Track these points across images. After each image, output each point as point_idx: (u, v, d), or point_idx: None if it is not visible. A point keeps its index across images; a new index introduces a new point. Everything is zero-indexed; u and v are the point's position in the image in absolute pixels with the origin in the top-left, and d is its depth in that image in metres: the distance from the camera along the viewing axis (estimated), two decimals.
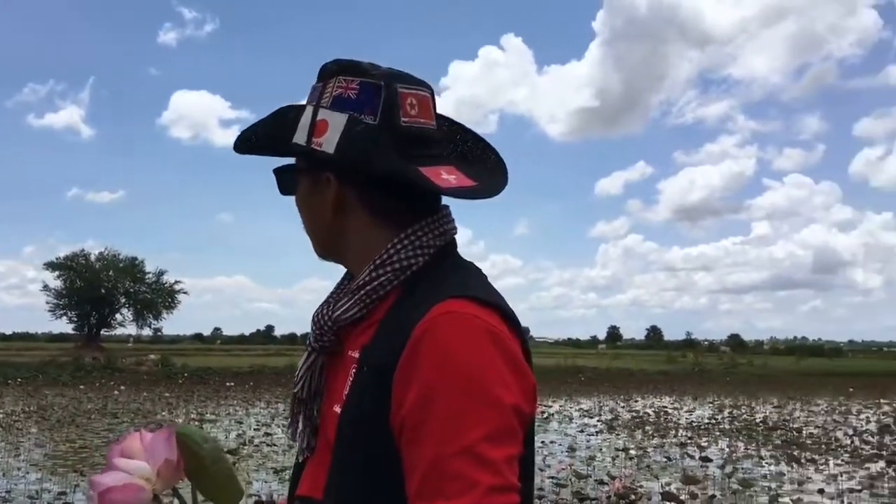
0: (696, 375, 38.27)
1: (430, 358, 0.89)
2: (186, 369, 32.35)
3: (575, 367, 38.96)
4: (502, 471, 0.85)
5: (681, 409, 20.58)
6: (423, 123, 1.06)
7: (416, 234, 1.02)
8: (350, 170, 1.03)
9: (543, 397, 23.94)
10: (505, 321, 0.95)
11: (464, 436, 0.85)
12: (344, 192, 1.05)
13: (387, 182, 1.02)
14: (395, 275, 1.01)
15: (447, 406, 0.87)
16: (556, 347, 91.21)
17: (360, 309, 1.02)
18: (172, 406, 19.32)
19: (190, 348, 60.08)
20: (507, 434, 0.87)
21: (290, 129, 1.06)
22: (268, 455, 10.94)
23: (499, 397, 0.87)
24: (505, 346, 0.92)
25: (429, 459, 0.86)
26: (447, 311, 0.91)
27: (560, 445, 12.46)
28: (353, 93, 1.03)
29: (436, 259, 1.03)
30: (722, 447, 12.92)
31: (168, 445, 0.92)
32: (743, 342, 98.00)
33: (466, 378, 0.87)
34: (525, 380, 0.92)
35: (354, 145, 1.00)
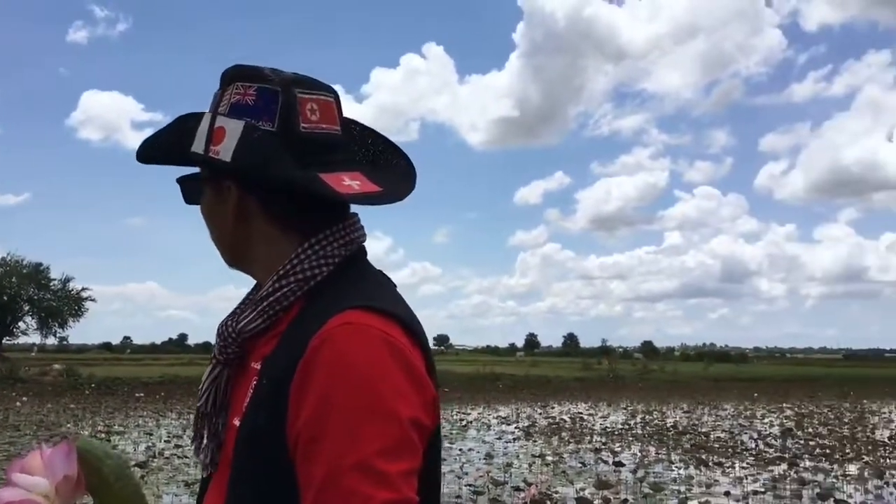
0: (611, 382, 39.14)
1: (325, 370, 0.87)
2: (93, 379, 31.15)
3: (493, 374, 39.28)
4: (398, 485, 0.83)
5: (596, 415, 21.00)
6: (325, 129, 1.03)
7: (321, 244, 1.00)
8: (247, 178, 1.01)
9: (462, 405, 24.05)
10: (406, 333, 0.93)
11: (358, 450, 0.83)
12: (246, 201, 1.03)
13: (288, 190, 0.99)
14: (299, 286, 0.99)
15: (341, 420, 0.84)
16: (475, 355, 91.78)
17: (264, 320, 1.00)
18: (78, 418, 18.56)
19: (98, 357, 57.95)
20: (405, 448, 0.85)
21: (189, 138, 1.03)
22: (179, 468, 10.63)
23: (395, 410, 0.85)
24: (404, 357, 0.90)
25: (323, 475, 0.84)
26: (345, 322, 0.89)
27: (478, 453, 12.53)
28: (251, 99, 1.01)
29: (342, 269, 1.01)
30: (634, 452, 13.25)
31: (67, 461, 0.89)
32: (655, 349, 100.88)
33: (362, 391, 0.85)
34: (425, 392, 0.90)
35: (251, 153, 0.98)
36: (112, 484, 0.92)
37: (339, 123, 1.07)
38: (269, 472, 0.90)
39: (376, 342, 0.89)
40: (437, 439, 0.94)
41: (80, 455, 0.90)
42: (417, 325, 0.97)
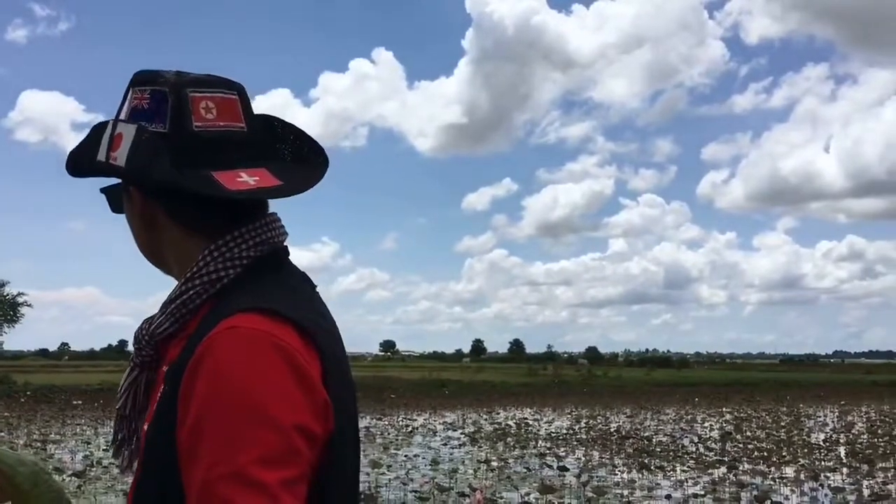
0: (556, 387, 39.54)
1: (205, 377, 0.85)
2: (29, 387, 30.23)
3: (440, 380, 39.33)
4: (276, 495, 0.80)
5: (541, 421, 21.18)
6: (222, 127, 1.01)
7: (228, 245, 0.98)
8: (137, 182, 1.01)
9: (408, 411, 24.01)
10: (301, 335, 0.90)
11: (234, 459, 0.80)
12: (150, 205, 1.02)
13: (173, 190, 0.98)
14: (204, 288, 0.97)
15: (218, 427, 0.82)
16: (422, 361, 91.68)
17: (172, 323, 0.98)
18: (13, 427, 17.98)
19: (34, 364, 56.25)
20: (287, 455, 0.82)
21: (96, 147, 1.01)
22: (117, 477, 10.37)
23: (276, 417, 0.83)
24: (293, 361, 0.87)
25: (198, 484, 0.81)
26: (230, 327, 0.88)
27: (424, 459, 12.52)
28: (146, 103, 1.01)
29: (253, 270, 0.99)
30: (579, 456, 13.41)
31: None
32: (600, 355, 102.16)
33: (240, 397, 0.83)
34: (314, 397, 0.87)
35: (137, 156, 0.97)
36: (28, 491, 0.92)
37: (244, 120, 1.04)
38: (166, 480, 0.88)
39: (261, 346, 0.86)
40: (340, 444, 0.91)
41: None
42: (320, 328, 0.94)
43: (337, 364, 0.94)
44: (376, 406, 25.05)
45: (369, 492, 8.69)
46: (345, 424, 0.92)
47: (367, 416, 21.20)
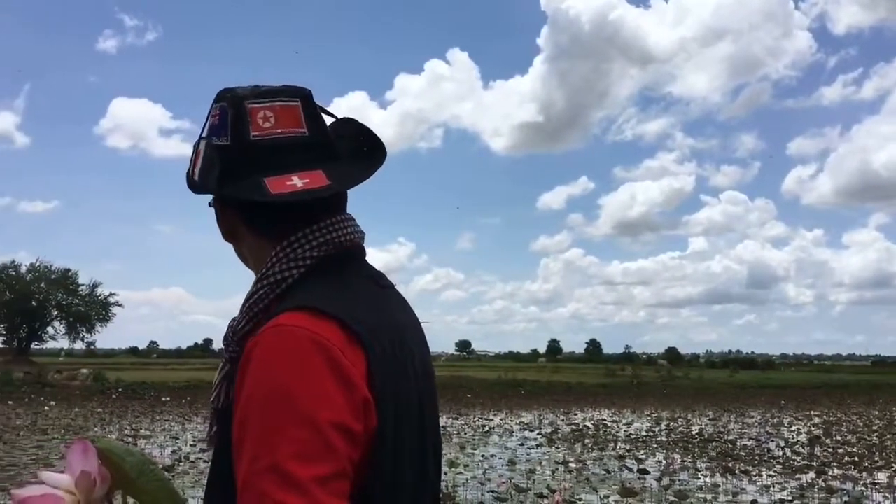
0: (635, 388, 38.87)
1: (250, 375, 0.89)
2: (120, 384, 31.48)
3: (515, 380, 39.17)
4: (311, 490, 0.82)
5: (620, 422, 20.87)
6: (280, 134, 1.05)
7: (292, 247, 1.04)
8: (208, 193, 1.10)
9: (484, 411, 24.01)
10: (345, 333, 0.92)
11: (269, 454, 0.84)
12: (228, 214, 1.11)
13: (222, 199, 1.09)
14: (271, 288, 1.02)
15: (258, 424, 0.86)
16: (497, 361, 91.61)
17: (248, 322, 1.04)
18: (105, 422, 18.77)
19: (125, 362, 58.56)
20: (322, 452, 0.85)
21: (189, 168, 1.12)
22: (204, 471, 10.70)
23: (311, 414, 0.85)
24: (333, 358, 0.89)
25: (241, 478, 0.86)
26: (275, 325, 0.92)
27: (500, 459, 12.50)
28: (217, 118, 1.08)
29: (317, 270, 1.03)
30: (659, 459, 13.14)
31: (83, 458, 0.94)
32: (680, 355, 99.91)
33: (277, 395, 0.86)
34: (353, 394, 0.89)
35: (202, 170, 1.07)
36: (135, 479, 0.97)
37: (306, 125, 1.08)
38: (226, 470, 0.93)
39: (301, 343, 0.89)
40: (387, 442, 0.92)
41: (101, 455, 0.95)
42: (367, 324, 0.96)
43: (390, 359, 0.95)
44: (452, 406, 25.12)
45: (446, 490, 8.72)
46: (395, 422, 0.93)
47: (444, 416, 21.29)
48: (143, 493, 0.99)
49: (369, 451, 0.90)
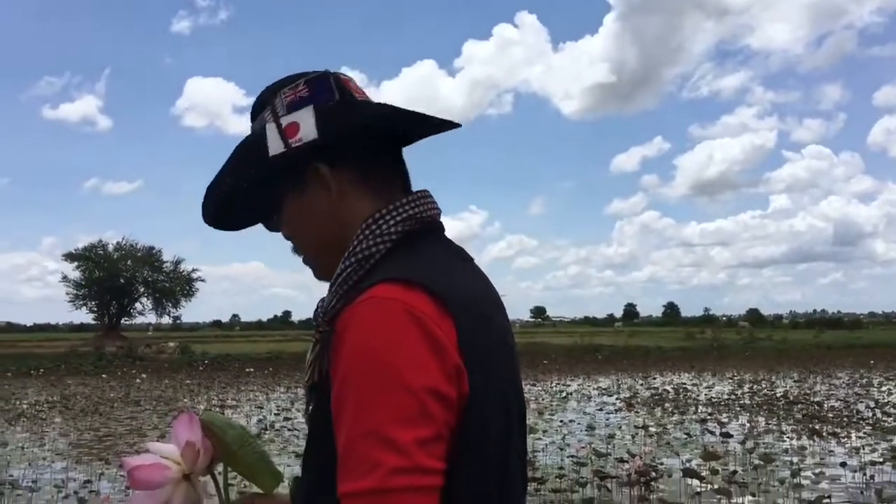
0: (715, 351, 38.17)
1: (345, 345, 0.92)
2: (206, 356, 32.63)
3: (592, 345, 38.97)
4: (411, 452, 0.86)
5: (700, 386, 20.53)
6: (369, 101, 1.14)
7: (377, 223, 1.06)
8: (339, 141, 1.08)
9: (562, 376, 23.97)
10: (435, 302, 0.94)
11: (371, 419, 0.87)
12: (339, 173, 1.10)
13: (388, 124, 1.11)
14: (360, 265, 1.04)
15: (357, 391, 0.89)
16: (573, 326, 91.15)
17: (338, 300, 1.05)
18: (194, 393, 19.50)
19: (209, 335, 60.58)
20: (419, 416, 0.88)
21: (260, 152, 1.09)
22: (289, 439, 11.03)
23: (408, 381, 0.89)
24: (424, 327, 0.92)
25: (343, 443, 0.90)
26: (367, 297, 0.94)
27: (579, 424, 12.47)
28: (305, 92, 1.10)
29: (404, 244, 1.06)
30: (742, 422, 12.89)
31: (189, 429, 1.01)
32: (762, 317, 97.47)
33: (374, 364, 0.90)
34: (446, 361, 0.92)
35: (335, 116, 1.08)
36: (235, 451, 1.03)
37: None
38: (326, 437, 0.96)
39: (393, 314, 0.92)
40: (478, 407, 0.94)
41: (204, 427, 1.01)
42: (455, 294, 0.98)
43: (477, 329, 0.98)
44: (529, 372, 25.16)
45: (526, 456, 8.76)
46: (485, 389, 0.95)
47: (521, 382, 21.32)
48: (242, 464, 1.05)
49: (461, 417, 0.93)
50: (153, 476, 0.97)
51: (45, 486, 7.86)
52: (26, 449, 10.56)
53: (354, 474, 0.87)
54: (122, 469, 0.98)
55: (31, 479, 8.20)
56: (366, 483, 0.86)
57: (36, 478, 8.30)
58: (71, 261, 54.33)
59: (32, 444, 11.05)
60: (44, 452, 10.43)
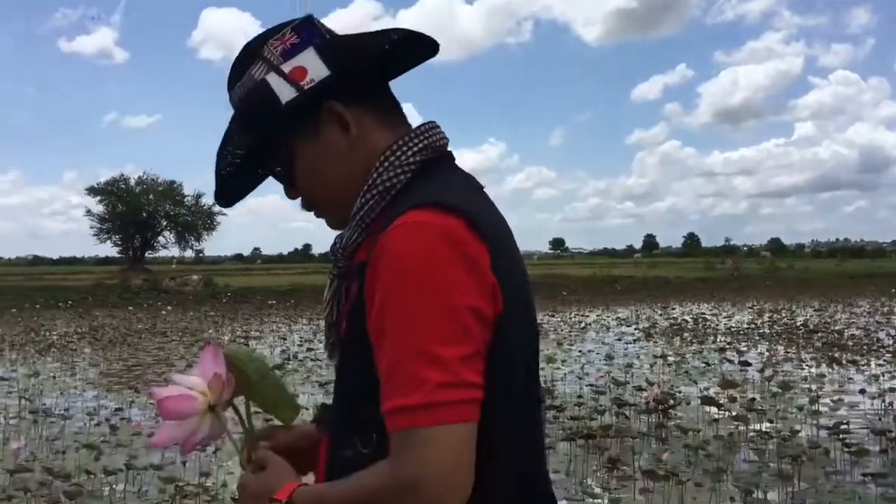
0: (735, 281, 38.07)
1: (385, 268, 0.95)
2: (229, 289, 33.03)
3: (611, 276, 38.98)
4: (455, 368, 0.91)
5: (719, 316, 20.58)
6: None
7: (396, 154, 1.08)
8: (350, 76, 1.09)
9: (580, 307, 24.09)
10: (467, 224, 0.97)
11: (416, 338, 0.91)
12: (354, 110, 1.11)
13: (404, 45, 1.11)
14: (382, 196, 1.07)
15: (400, 311, 0.93)
16: (592, 258, 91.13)
17: (359, 234, 1.08)
18: (218, 325, 19.83)
19: (231, 268, 61.21)
20: (462, 334, 0.92)
21: (270, 104, 1.08)
22: (312, 369, 11.24)
23: (451, 299, 0.93)
24: (461, 248, 0.95)
25: (387, 363, 0.93)
26: (404, 222, 0.97)
27: (598, 354, 12.59)
28: (294, 38, 1.11)
29: (421, 173, 1.08)
30: (761, 351, 12.94)
31: (215, 361, 1.04)
32: (784, 246, 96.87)
33: (417, 284, 0.93)
34: (483, 281, 0.96)
35: (339, 52, 1.09)
36: (256, 383, 1.07)
37: None
38: (360, 361, 1.00)
39: (431, 237, 0.95)
40: (508, 325, 0.98)
41: (228, 360, 1.05)
42: (484, 217, 1.01)
43: (503, 252, 1.01)
44: (548, 303, 25.30)
45: (545, 385, 8.88)
46: (514, 307, 0.99)
47: (540, 313, 21.48)
48: (262, 396, 1.09)
49: (493, 336, 0.96)
50: (182, 407, 1.00)
51: (77, 413, 8.10)
52: (58, 378, 10.85)
53: (402, 391, 0.91)
54: (151, 398, 1.02)
55: (64, 407, 8.44)
56: (414, 398, 0.90)
57: (68, 406, 8.55)
58: (94, 195, 54.85)
59: (63, 374, 11.34)
60: (75, 382, 10.71)
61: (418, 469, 0.90)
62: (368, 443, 1.00)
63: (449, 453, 0.91)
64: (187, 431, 1.03)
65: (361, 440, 1.01)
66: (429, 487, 0.90)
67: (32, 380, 10.40)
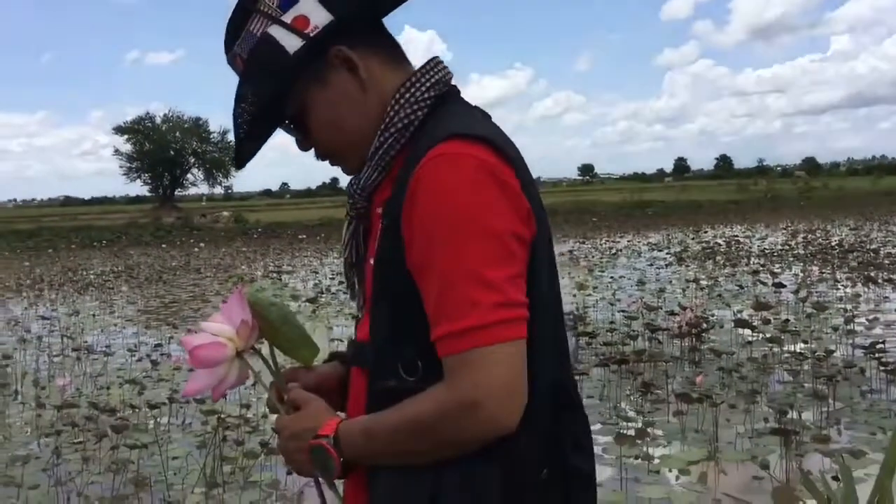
0: (769, 203, 37.55)
1: (425, 198, 0.98)
2: (260, 224, 33.35)
3: (641, 201, 38.61)
4: (504, 289, 0.95)
5: (752, 238, 20.35)
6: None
7: (413, 88, 1.10)
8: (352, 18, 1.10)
9: (611, 233, 23.96)
10: (496, 153, 1.00)
11: (464, 263, 0.95)
12: (362, 53, 1.11)
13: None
14: (401, 133, 1.08)
15: (446, 239, 0.96)
16: (622, 183, 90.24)
17: (379, 173, 1.10)
18: (251, 260, 20.07)
19: (260, 204, 61.76)
20: (506, 257, 0.97)
21: (278, 55, 1.08)
22: (344, 302, 11.35)
23: (493, 225, 0.96)
24: (496, 176, 0.99)
25: (437, 289, 0.97)
26: (438, 154, 0.99)
27: (629, 280, 12.54)
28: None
29: (436, 108, 1.10)
30: (796, 272, 12.81)
31: (241, 307, 1.05)
32: (818, 165, 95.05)
33: (460, 211, 0.96)
34: (520, 205, 1.00)
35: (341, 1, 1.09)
36: (279, 328, 1.09)
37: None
38: (399, 297, 1.03)
39: (467, 166, 0.98)
40: (539, 246, 1.03)
41: (250, 305, 1.06)
42: (510, 147, 1.06)
43: (527, 177, 1.05)
44: (578, 230, 25.18)
45: (577, 312, 8.89)
46: (543, 229, 1.05)
47: (570, 240, 21.43)
48: (284, 339, 1.10)
49: (531, 256, 1.01)
50: (213, 354, 1.02)
51: (118, 350, 8.30)
52: (97, 317, 11.10)
53: (456, 314, 0.95)
54: (182, 346, 1.05)
55: (105, 344, 8.66)
56: (470, 320, 0.94)
57: (109, 343, 8.76)
58: (121, 134, 55.14)
59: (103, 312, 11.60)
60: (114, 319, 10.95)
61: (479, 388, 0.94)
62: (414, 371, 1.02)
63: (509, 370, 0.95)
64: (218, 378, 1.04)
65: (406, 369, 1.03)
66: (490, 405, 0.94)
67: (73, 318, 10.66)
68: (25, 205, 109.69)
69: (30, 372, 7.25)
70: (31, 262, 21.22)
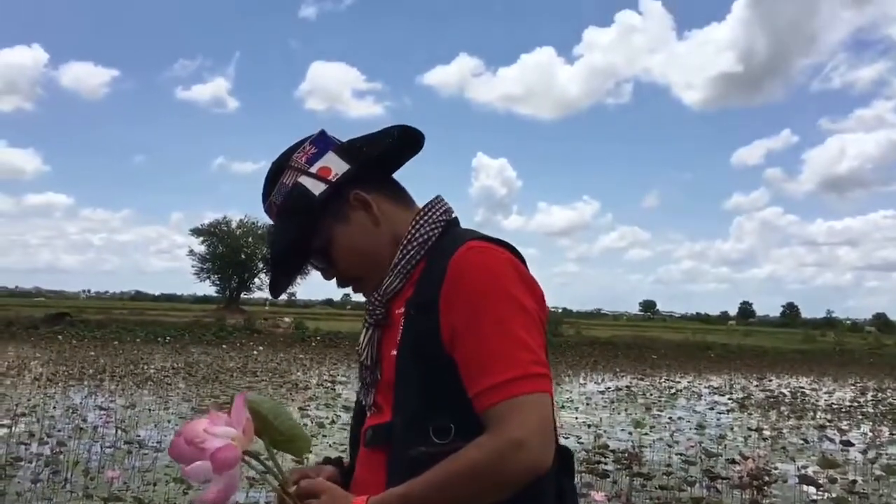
0: (837, 356, 36.25)
1: (468, 275, 1.18)
2: (319, 333, 33.63)
3: (704, 343, 37.75)
4: (537, 351, 1.16)
5: (819, 391, 19.59)
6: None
7: (429, 214, 1.33)
8: (370, 168, 1.33)
9: (671, 372, 23.38)
10: (513, 253, 1.25)
11: (507, 327, 1.14)
12: (375, 195, 1.33)
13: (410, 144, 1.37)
14: (421, 246, 1.29)
15: (490, 307, 1.15)
16: (684, 322, 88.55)
17: (400, 280, 1.29)
18: (306, 367, 20.17)
19: (321, 313, 62.31)
20: (536, 327, 1.18)
21: (306, 200, 1.31)
22: None
23: (525, 302, 1.18)
24: (518, 269, 1.22)
25: (482, 349, 1.14)
26: (471, 248, 1.21)
27: (688, 422, 12.15)
28: (314, 149, 1.35)
29: (446, 230, 1.32)
30: (864, 431, 12.23)
31: (245, 410, 1.08)
32: (889, 322, 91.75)
33: (501, 291, 1.17)
34: (536, 292, 1.23)
35: (354, 150, 1.34)
36: (272, 421, 1.14)
37: None
38: (430, 371, 1.19)
39: (498, 258, 1.21)
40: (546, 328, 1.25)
41: (248, 406, 1.10)
42: (516, 249, 1.28)
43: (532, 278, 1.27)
44: (637, 366, 24.67)
45: (633, 451, 8.62)
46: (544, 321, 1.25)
47: (628, 376, 20.98)
48: (278, 433, 1.14)
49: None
50: (231, 457, 1.01)
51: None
52: (152, 411, 11.22)
53: (499, 369, 1.12)
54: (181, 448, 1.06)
55: (157, 440, 8.72)
56: (513, 372, 1.11)
57: (160, 439, 8.82)
58: (197, 235, 57.19)
59: (158, 407, 11.73)
60: (168, 415, 11.05)
61: (525, 428, 1.08)
62: (446, 434, 1.15)
63: (545, 416, 1.11)
64: (234, 480, 1.02)
65: (437, 433, 1.16)
66: (533, 445, 1.07)
67: (129, 411, 10.80)
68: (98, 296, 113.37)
69: (81, 461, 7.31)
70: (97, 353, 21.75)
